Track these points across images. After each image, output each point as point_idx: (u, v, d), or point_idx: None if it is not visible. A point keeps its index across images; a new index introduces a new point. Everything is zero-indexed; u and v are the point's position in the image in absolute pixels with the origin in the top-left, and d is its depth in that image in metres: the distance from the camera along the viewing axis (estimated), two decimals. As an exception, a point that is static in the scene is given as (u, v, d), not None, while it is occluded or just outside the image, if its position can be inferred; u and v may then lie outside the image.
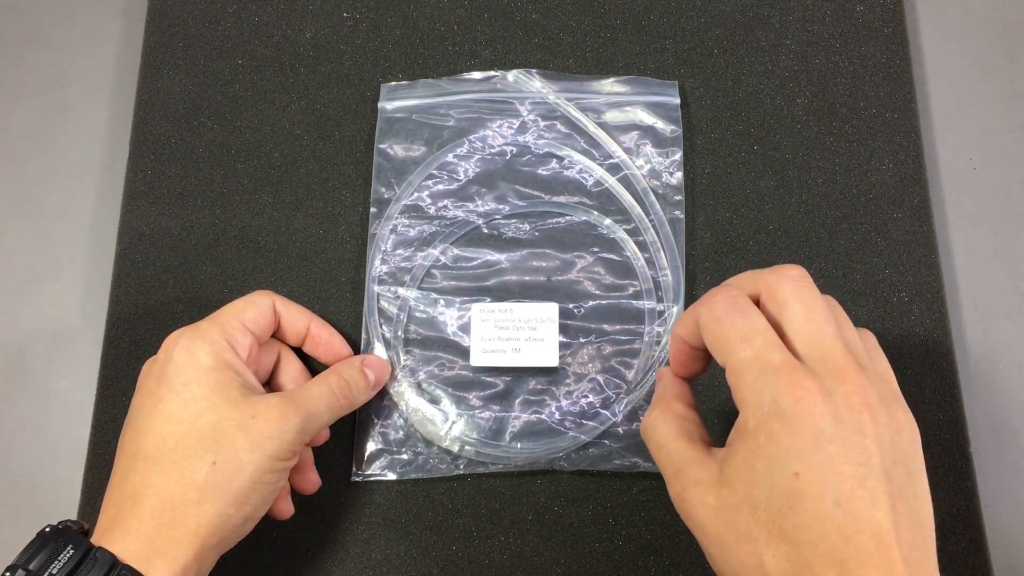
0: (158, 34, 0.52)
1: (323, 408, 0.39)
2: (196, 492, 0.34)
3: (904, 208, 0.49)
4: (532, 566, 0.43)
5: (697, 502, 0.32)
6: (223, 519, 0.34)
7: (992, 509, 0.46)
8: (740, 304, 0.33)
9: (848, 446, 0.30)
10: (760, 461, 0.30)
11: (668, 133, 0.49)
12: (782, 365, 0.31)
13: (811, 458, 0.29)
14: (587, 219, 0.48)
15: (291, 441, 0.37)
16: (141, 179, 0.49)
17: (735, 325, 0.33)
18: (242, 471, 0.35)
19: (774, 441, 0.30)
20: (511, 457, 0.44)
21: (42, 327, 0.50)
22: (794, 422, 0.30)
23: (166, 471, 0.34)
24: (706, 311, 0.34)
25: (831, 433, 0.30)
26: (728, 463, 0.32)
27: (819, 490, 0.29)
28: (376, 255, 0.47)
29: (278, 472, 0.37)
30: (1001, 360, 0.49)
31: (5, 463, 0.47)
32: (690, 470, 0.33)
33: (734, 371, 0.32)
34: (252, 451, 0.35)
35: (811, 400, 0.30)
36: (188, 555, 0.33)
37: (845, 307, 0.47)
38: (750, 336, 0.32)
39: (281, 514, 0.41)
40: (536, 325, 0.45)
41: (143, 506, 0.34)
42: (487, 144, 0.49)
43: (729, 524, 0.31)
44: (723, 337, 0.33)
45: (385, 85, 0.50)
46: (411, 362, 0.46)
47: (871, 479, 0.29)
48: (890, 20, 0.52)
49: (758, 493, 0.30)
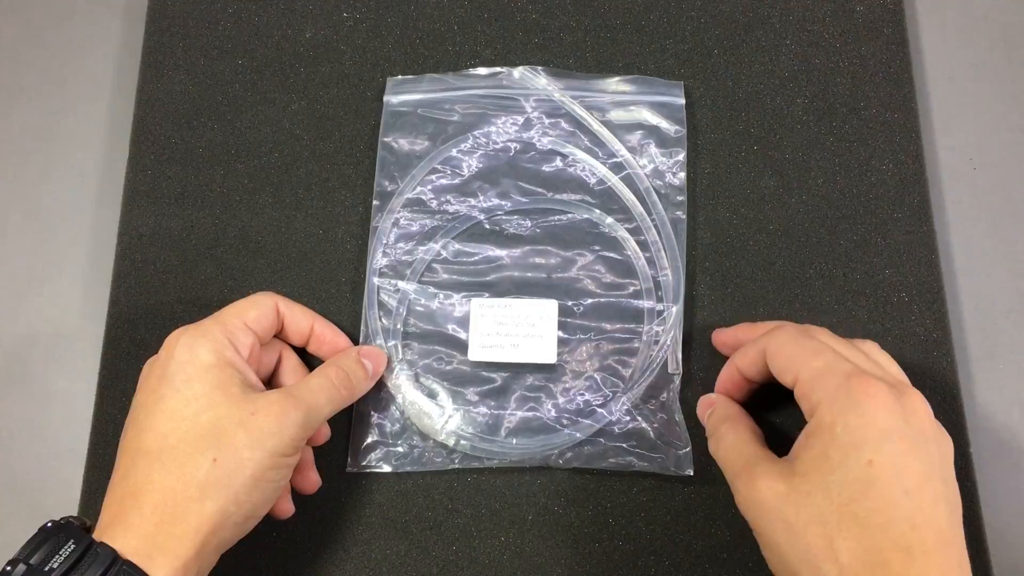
0: (158, 34, 0.52)
1: (324, 401, 0.39)
2: (197, 489, 0.34)
3: (904, 208, 0.49)
4: (532, 566, 0.43)
5: (767, 489, 0.35)
6: (224, 516, 0.34)
7: (992, 509, 0.46)
8: (805, 332, 0.38)
9: (915, 444, 0.33)
10: (835, 451, 0.33)
11: (672, 133, 0.49)
12: (854, 371, 0.35)
13: (884, 448, 0.32)
14: (589, 217, 0.48)
15: (293, 436, 0.37)
16: (141, 179, 0.49)
17: (804, 345, 0.37)
18: (243, 468, 0.35)
19: (849, 432, 0.33)
20: (506, 453, 0.44)
21: (42, 327, 0.49)
22: (869, 415, 0.33)
23: (167, 468, 0.34)
24: (772, 340, 0.38)
25: (901, 430, 0.33)
26: (801, 457, 0.35)
27: (891, 478, 0.32)
28: (378, 248, 0.47)
29: (280, 469, 0.37)
30: (1001, 360, 0.49)
31: (5, 463, 0.47)
32: (761, 464, 0.36)
33: (807, 380, 0.36)
34: (253, 447, 0.35)
35: (883, 398, 0.33)
36: (189, 552, 0.33)
37: (845, 307, 0.47)
38: (820, 351, 0.36)
39: (281, 513, 0.41)
40: (535, 321, 0.45)
41: (144, 503, 0.34)
42: (491, 140, 0.49)
43: (801, 508, 0.33)
44: (793, 356, 0.37)
45: (391, 79, 0.50)
46: (409, 355, 0.46)
47: (934, 479, 0.33)
48: (890, 20, 0.52)
49: (832, 479, 0.33)
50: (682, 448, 0.44)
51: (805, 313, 0.47)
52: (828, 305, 0.47)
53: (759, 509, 0.35)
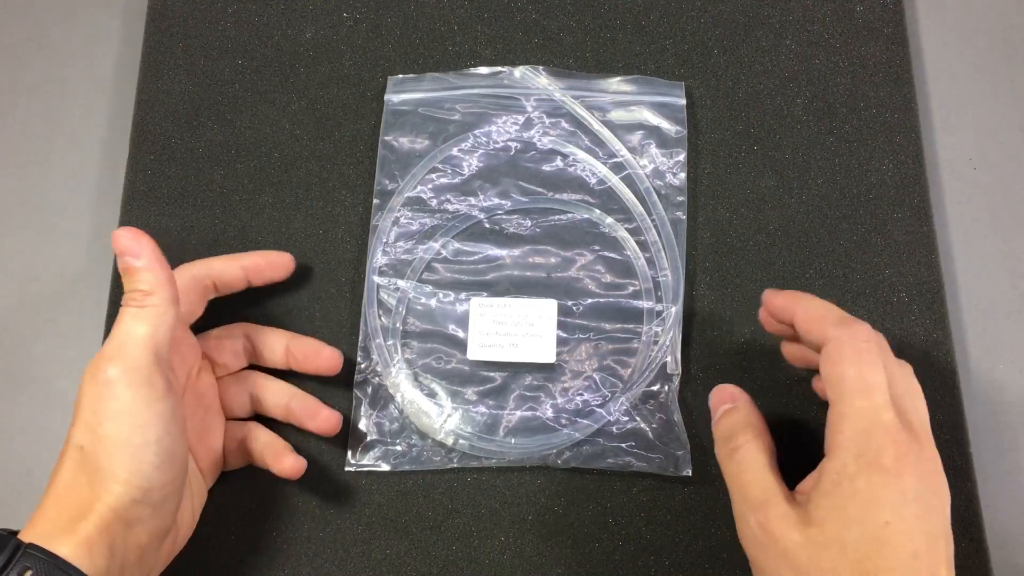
0: (158, 34, 0.52)
1: (137, 324, 0.36)
2: (85, 474, 0.34)
3: (904, 208, 0.49)
4: (532, 566, 0.43)
5: (781, 534, 0.35)
6: (113, 496, 0.34)
7: (992, 509, 0.46)
8: (880, 354, 0.36)
9: (928, 507, 0.34)
10: (854, 506, 0.34)
11: (673, 134, 0.49)
12: (891, 425, 0.34)
13: (901, 512, 0.33)
14: (589, 217, 0.48)
15: (144, 338, 0.35)
16: (141, 179, 0.49)
17: (865, 375, 0.35)
18: (104, 444, 0.34)
19: (871, 490, 0.33)
20: (505, 452, 0.44)
21: (42, 327, 0.50)
22: (892, 477, 0.33)
23: (65, 462, 0.35)
24: (848, 343, 0.36)
25: (917, 494, 0.34)
26: (818, 504, 0.34)
27: (903, 541, 0.33)
28: (377, 247, 0.47)
29: (148, 427, 0.35)
30: (1001, 360, 0.49)
31: (5, 463, 0.47)
32: (778, 504, 0.36)
33: (843, 414, 0.35)
34: (110, 419, 0.34)
35: (908, 461, 0.34)
36: (91, 529, 0.33)
37: (845, 307, 0.47)
38: (873, 390, 0.35)
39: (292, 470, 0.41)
40: (534, 321, 0.45)
41: (51, 496, 0.35)
42: (491, 139, 0.49)
43: (815, 560, 0.34)
44: (848, 379, 0.35)
45: (392, 78, 0.50)
46: (408, 354, 0.46)
47: (939, 539, 0.34)
48: (890, 20, 0.52)
49: (848, 535, 0.33)
50: (681, 449, 0.44)
51: (805, 313, 0.47)
52: (828, 305, 0.47)
53: (768, 551, 0.35)
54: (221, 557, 0.43)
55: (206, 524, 0.41)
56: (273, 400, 0.43)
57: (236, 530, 0.44)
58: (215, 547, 0.43)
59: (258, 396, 0.44)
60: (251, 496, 0.44)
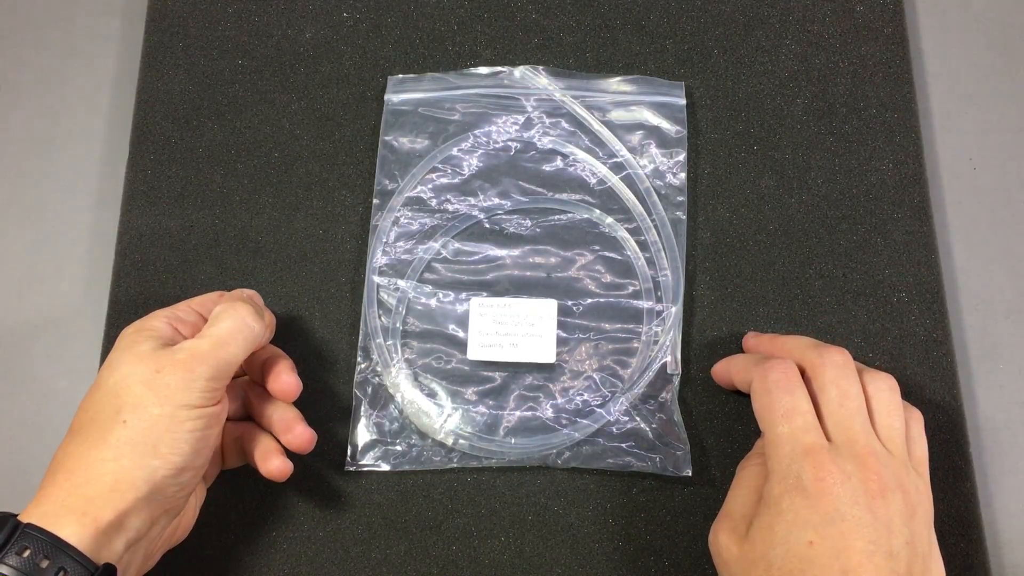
0: (158, 34, 0.52)
1: (235, 347, 0.38)
2: (110, 450, 0.35)
3: (904, 208, 0.49)
4: (532, 566, 0.43)
5: (723, 546, 0.37)
6: (148, 471, 0.35)
7: (992, 509, 0.46)
8: (791, 382, 0.38)
9: (859, 525, 0.34)
10: (780, 526, 0.35)
11: (673, 134, 0.49)
12: (811, 446, 0.36)
13: (825, 531, 0.34)
14: (589, 217, 0.48)
15: (203, 389, 0.36)
16: (141, 179, 0.49)
17: (780, 402, 0.37)
18: (155, 424, 0.35)
19: (794, 511, 0.35)
20: (505, 452, 0.44)
21: (42, 327, 0.49)
22: (813, 498, 0.34)
23: (83, 437, 0.35)
24: (760, 380, 0.39)
25: (844, 512, 0.34)
26: (754, 524, 0.36)
27: (829, 559, 0.33)
28: (377, 246, 0.47)
29: (197, 420, 0.36)
30: (1001, 360, 0.49)
31: (5, 463, 0.47)
32: (732, 518, 0.38)
33: (771, 442, 0.37)
34: (161, 404, 0.35)
35: (831, 481, 0.35)
36: (105, 510, 0.33)
37: (845, 307, 0.47)
38: (791, 415, 0.37)
39: (276, 473, 0.40)
40: (534, 321, 0.45)
41: (59, 472, 0.35)
42: (491, 139, 0.49)
43: (746, 574, 0.36)
44: (768, 409, 0.38)
45: (392, 78, 0.50)
46: (408, 354, 0.46)
47: (878, 556, 0.33)
48: (890, 20, 0.52)
49: (774, 553, 0.35)
50: (680, 449, 0.44)
51: (805, 313, 0.47)
52: (828, 305, 0.47)
53: (716, 559, 0.38)
54: (221, 557, 0.43)
55: (206, 524, 0.41)
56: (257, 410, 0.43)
57: (236, 530, 0.44)
58: (215, 547, 0.44)
59: (249, 400, 0.43)
60: (251, 496, 0.44)
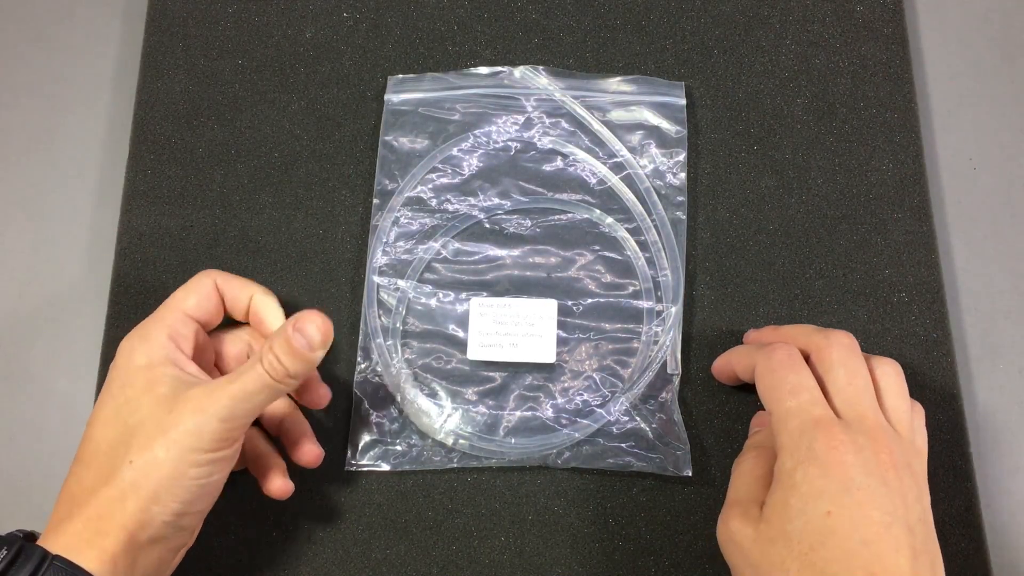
0: (158, 34, 0.52)
1: (255, 390, 0.36)
2: (117, 490, 0.35)
3: (904, 208, 0.49)
4: (532, 566, 0.43)
5: (737, 531, 0.37)
6: (148, 516, 0.35)
7: (992, 509, 0.46)
8: (795, 362, 0.38)
9: (875, 495, 0.34)
10: (795, 499, 0.35)
11: (673, 134, 0.49)
12: (821, 418, 0.36)
13: (842, 500, 0.34)
14: (589, 217, 0.48)
15: (214, 432, 0.35)
16: (141, 179, 0.49)
17: (786, 379, 0.38)
18: (158, 468, 0.35)
19: (808, 482, 0.34)
20: (505, 452, 0.44)
21: (42, 327, 0.49)
22: (827, 467, 0.34)
23: (96, 472, 0.35)
24: (764, 361, 0.39)
25: (860, 482, 0.34)
26: (767, 503, 0.36)
27: (848, 529, 0.33)
28: (377, 246, 0.47)
29: (205, 466, 0.36)
30: (1001, 360, 0.49)
31: (5, 463, 0.47)
32: (741, 504, 0.38)
33: (779, 418, 0.37)
34: (168, 447, 0.35)
35: (843, 450, 0.35)
36: (117, 546, 0.34)
37: (845, 307, 0.47)
38: (798, 390, 0.37)
39: (278, 493, 0.41)
40: (534, 321, 0.45)
41: (72, 505, 0.35)
42: (491, 139, 0.49)
43: (764, 554, 0.35)
44: (774, 387, 0.38)
45: (392, 77, 0.50)
46: (408, 354, 0.46)
47: (896, 527, 0.33)
48: (890, 20, 0.52)
49: (792, 528, 0.34)
50: (681, 448, 0.44)
51: (805, 313, 0.47)
52: (828, 305, 0.47)
53: (729, 547, 0.38)
54: (221, 557, 0.43)
55: (206, 524, 0.41)
56: (268, 413, 0.43)
57: (236, 530, 0.44)
58: (215, 547, 0.44)
59: None
60: (251, 496, 0.44)
